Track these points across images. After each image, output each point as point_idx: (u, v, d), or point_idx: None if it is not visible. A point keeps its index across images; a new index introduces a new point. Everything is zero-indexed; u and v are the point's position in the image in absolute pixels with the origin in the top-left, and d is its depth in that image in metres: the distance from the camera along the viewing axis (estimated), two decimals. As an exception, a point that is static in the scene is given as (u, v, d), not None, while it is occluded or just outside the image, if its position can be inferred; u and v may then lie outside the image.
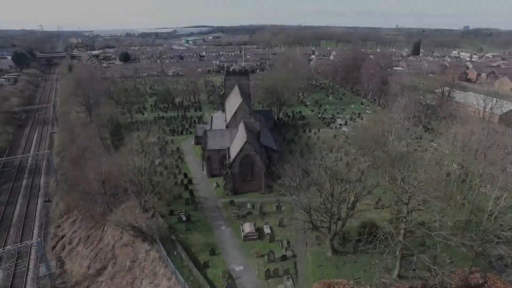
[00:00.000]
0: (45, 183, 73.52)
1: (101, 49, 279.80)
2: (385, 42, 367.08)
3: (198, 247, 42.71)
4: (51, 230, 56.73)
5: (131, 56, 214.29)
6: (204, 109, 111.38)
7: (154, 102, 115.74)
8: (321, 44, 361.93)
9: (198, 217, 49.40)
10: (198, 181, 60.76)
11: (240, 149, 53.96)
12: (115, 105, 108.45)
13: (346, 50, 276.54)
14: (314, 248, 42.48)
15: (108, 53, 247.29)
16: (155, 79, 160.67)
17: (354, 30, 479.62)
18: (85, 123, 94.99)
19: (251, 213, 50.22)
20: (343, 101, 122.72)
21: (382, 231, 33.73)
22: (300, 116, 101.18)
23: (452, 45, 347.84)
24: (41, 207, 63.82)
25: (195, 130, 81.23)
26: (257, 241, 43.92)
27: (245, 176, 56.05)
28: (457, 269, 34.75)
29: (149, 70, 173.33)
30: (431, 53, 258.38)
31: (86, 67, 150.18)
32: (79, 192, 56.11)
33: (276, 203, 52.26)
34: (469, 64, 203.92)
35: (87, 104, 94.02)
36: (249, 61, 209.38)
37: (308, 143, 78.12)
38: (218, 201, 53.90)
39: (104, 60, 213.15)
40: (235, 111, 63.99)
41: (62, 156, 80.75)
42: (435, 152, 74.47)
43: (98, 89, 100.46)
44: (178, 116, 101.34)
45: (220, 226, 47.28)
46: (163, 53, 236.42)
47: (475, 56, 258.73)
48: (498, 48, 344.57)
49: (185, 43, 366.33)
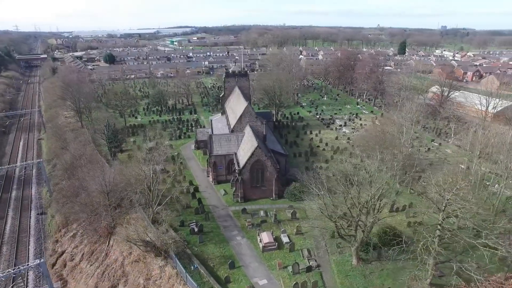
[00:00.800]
0: (37, 194, 69.09)
1: (84, 51, 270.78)
2: (370, 41, 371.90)
3: (216, 261, 40.41)
4: (49, 245, 52.92)
5: (117, 58, 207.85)
6: (199, 112, 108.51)
7: (146, 105, 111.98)
8: (308, 43, 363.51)
9: (211, 227, 47.03)
10: (204, 188, 58.25)
11: (251, 154, 51.87)
12: (105, 108, 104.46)
13: (333, 49, 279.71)
14: (336, 256, 40.94)
15: (92, 54, 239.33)
16: (144, 81, 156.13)
17: (338, 29, 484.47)
18: (76, 128, 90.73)
19: (265, 221, 48.22)
20: (338, 101, 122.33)
21: (407, 238, 32.72)
22: (298, 118, 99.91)
23: (434, 44, 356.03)
24: (35, 221, 59.71)
25: (195, 134, 78.51)
26: (276, 251, 42.00)
27: (255, 182, 54.01)
28: (489, 275, 33.95)
29: (136, 72, 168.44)
30: (416, 52, 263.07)
31: (72, 69, 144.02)
32: (78, 203, 52.73)
33: (290, 210, 50.49)
34: (454, 63, 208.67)
35: (77, 109, 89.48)
36: (238, 62, 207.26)
37: (311, 146, 76.74)
38: (229, 209, 51.63)
39: (88, 62, 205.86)
40: (241, 115, 61.81)
41: (54, 164, 76.35)
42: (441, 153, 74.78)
43: (87, 93, 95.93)
44: (174, 120, 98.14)
45: (235, 237, 45.07)
46: (149, 54, 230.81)
47: (457, 55, 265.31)
48: (477, 47, 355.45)
49: (170, 44, 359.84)
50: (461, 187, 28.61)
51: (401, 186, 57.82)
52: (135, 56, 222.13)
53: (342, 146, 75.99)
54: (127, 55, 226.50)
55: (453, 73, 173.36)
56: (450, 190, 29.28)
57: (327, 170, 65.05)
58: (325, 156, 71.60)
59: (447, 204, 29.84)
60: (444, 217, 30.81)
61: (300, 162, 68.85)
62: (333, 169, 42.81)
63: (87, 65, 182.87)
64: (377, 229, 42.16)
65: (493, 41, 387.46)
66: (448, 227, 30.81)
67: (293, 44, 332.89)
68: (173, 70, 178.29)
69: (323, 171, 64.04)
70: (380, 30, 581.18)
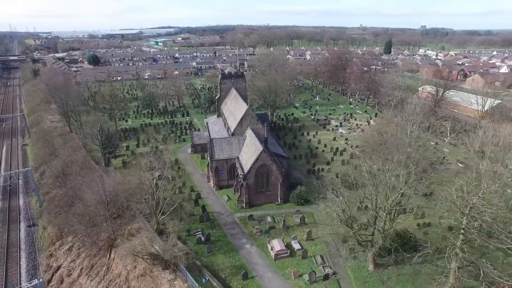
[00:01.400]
0: (26, 204, 65.23)
1: (65, 52, 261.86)
2: (354, 41, 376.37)
3: (227, 271, 38.63)
4: (43, 260, 49.71)
5: (101, 59, 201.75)
6: (191, 114, 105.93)
7: (136, 108, 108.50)
8: (294, 43, 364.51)
9: (218, 236, 45.17)
10: (206, 194, 56.21)
11: (256, 158, 50.27)
12: (94, 112, 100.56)
13: (319, 49, 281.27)
14: (350, 262, 39.88)
15: (74, 55, 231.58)
16: (131, 82, 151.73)
17: (322, 29, 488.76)
18: (64, 133, 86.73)
19: (273, 227, 46.74)
20: (331, 101, 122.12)
21: (419, 240, 31.91)
22: (293, 119, 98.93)
23: (417, 43, 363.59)
24: (25, 234, 56.15)
25: (191, 138, 76.18)
26: (289, 259, 40.62)
27: (260, 187, 52.46)
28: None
29: (123, 74, 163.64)
30: (401, 52, 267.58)
31: (56, 71, 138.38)
32: (74, 214, 49.86)
33: (298, 215, 49.22)
34: (438, 62, 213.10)
35: (65, 112, 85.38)
36: (227, 63, 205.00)
37: (310, 147, 75.78)
38: (234, 216, 49.87)
39: (71, 64, 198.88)
40: (242, 118, 60.08)
41: (42, 172, 72.48)
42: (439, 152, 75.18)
43: (75, 95, 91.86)
44: (166, 123, 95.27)
45: (244, 245, 43.37)
46: (134, 55, 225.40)
47: (440, 54, 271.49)
48: (457, 46, 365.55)
49: (155, 45, 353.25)
50: (487, 191, 27.96)
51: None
52: (120, 57, 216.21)
53: (341, 147, 75.34)
54: (112, 56, 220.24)
55: (440, 72, 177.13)
56: (475, 194, 28.61)
57: (329, 172, 64.48)
58: (326, 157, 70.81)
59: (471, 208, 29.18)
60: (467, 221, 30.15)
61: (301, 164, 67.76)
62: (351, 174, 41.18)
63: (70, 67, 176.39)
64: (390, 232, 41.45)
65: (472, 40, 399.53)
66: (472, 231, 30.16)
67: (280, 44, 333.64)
68: (160, 71, 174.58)
69: (326, 173, 63.48)
70: (362, 29, 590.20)
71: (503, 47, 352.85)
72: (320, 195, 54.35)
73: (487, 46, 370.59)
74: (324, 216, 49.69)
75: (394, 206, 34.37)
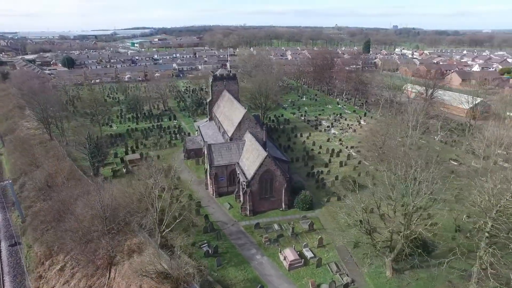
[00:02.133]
0: (5, 220, 60.03)
1: (36, 54, 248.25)
2: (333, 41, 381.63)
3: (241, 286, 36.58)
4: (30, 283, 45.52)
5: (76, 61, 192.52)
6: (178, 118, 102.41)
7: (119, 112, 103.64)
8: (273, 43, 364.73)
9: (225, 247, 42.93)
10: (206, 203, 53.68)
11: (260, 164, 48.39)
12: (74, 117, 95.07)
13: (299, 49, 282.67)
14: (366, 268, 38.81)
15: (47, 57, 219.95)
16: (111, 85, 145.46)
17: (298, 29, 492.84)
18: (44, 141, 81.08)
19: (282, 235, 45.11)
20: (318, 101, 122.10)
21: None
22: (284, 120, 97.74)
23: (393, 43, 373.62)
24: (8, 254, 51.42)
25: (183, 143, 73.20)
26: (303, 268, 39.08)
27: (264, 194, 50.64)
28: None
29: (102, 76, 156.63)
30: (379, 51, 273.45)
31: (29, 75, 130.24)
32: (65, 230, 46.15)
33: (305, 221, 47.81)
34: (416, 61, 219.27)
35: (45, 119, 79.75)
36: (208, 64, 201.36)
37: (307, 150, 74.69)
38: (239, 225, 47.76)
39: (43, 66, 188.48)
40: (240, 122, 57.96)
41: (22, 184, 67.27)
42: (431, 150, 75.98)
43: (55, 100, 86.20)
44: (154, 127, 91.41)
45: (254, 256, 41.40)
46: (111, 57, 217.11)
47: (416, 53, 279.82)
48: (429, 46, 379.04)
49: (131, 46, 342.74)
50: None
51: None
52: (96, 59, 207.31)
53: (336, 148, 74.76)
54: (88, 58, 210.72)
55: (419, 70, 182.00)
56: (502, 197, 28.16)
57: (328, 174, 63.58)
58: (323, 159, 69.99)
59: (499, 211, 28.73)
60: (492, 224, 29.71)
61: (298, 167, 66.53)
62: (368, 180, 40.04)
63: (43, 70, 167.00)
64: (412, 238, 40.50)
65: (442, 40, 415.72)
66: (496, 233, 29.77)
67: (259, 44, 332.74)
68: (141, 73, 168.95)
69: (326, 176, 62.53)
70: (338, 29, 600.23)
71: (471, 47, 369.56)
72: (324, 200, 53.73)
73: (457, 45, 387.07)
74: (330, 220, 49.18)
75: (416, 211, 33.49)
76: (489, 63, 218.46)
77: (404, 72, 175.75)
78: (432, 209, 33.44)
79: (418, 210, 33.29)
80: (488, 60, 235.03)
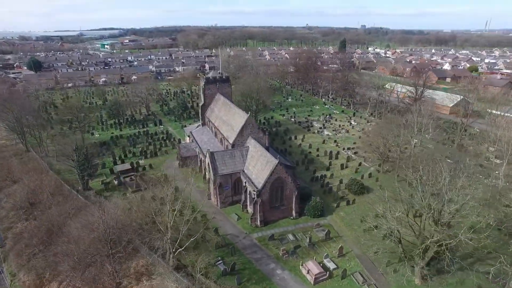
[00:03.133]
0: (-19, 245, 53.40)
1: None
2: (307, 40, 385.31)
3: (267, 306, 34.04)
4: (22, 316, 40.38)
5: (44, 64, 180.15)
6: (164, 122, 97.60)
7: (99, 118, 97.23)
8: (248, 44, 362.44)
9: (241, 263, 40.17)
10: (212, 214, 50.44)
11: (271, 172, 46.02)
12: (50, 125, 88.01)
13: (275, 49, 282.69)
14: (392, 276, 37.63)
15: (8, 60, 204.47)
16: (85, 89, 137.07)
17: (270, 29, 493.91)
18: (19, 153, 74.00)
19: (299, 246, 43.01)
20: (304, 102, 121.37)
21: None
22: (275, 122, 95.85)
23: (364, 42, 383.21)
24: (-11, 284, 45.53)
25: (177, 150, 69.22)
26: (328, 281, 37.21)
27: (274, 202, 48.35)
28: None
29: (74, 80, 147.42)
30: (354, 50, 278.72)
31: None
32: (55, 254, 41.59)
33: (320, 229, 46.04)
34: (391, 60, 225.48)
35: (20, 129, 72.67)
36: (186, 65, 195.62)
37: (305, 153, 73.09)
38: (252, 237, 45.18)
39: (5, 69, 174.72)
40: (242, 127, 55.19)
41: (-4, 202, 60.42)
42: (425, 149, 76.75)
43: (28, 108, 78.94)
44: (140, 133, 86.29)
45: (274, 271, 38.99)
46: (82, 60, 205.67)
47: (388, 52, 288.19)
48: (399, 45, 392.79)
49: (101, 48, 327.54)
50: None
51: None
52: (66, 61, 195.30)
53: (334, 150, 73.72)
54: (56, 60, 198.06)
55: (395, 69, 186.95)
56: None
57: (332, 178, 62.26)
58: (323, 163, 68.71)
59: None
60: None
61: (300, 172, 64.70)
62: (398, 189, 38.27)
63: (7, 73, 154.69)
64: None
65: (410, 39, 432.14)
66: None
67: (235, 45, 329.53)
68: (116, 76, 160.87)
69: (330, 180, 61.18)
70: (309, 29, 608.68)
71: (437, 46, 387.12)
72: (334, 205, 51.91)
73: (424, 44, 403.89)
74: (344, 226, 47.73)
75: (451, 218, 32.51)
76: (457, 61, 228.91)
77: (382, 71, 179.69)
78: (470, 215, 32.33)
79: (454, 216, 32.30)
80: (455, 58, 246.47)
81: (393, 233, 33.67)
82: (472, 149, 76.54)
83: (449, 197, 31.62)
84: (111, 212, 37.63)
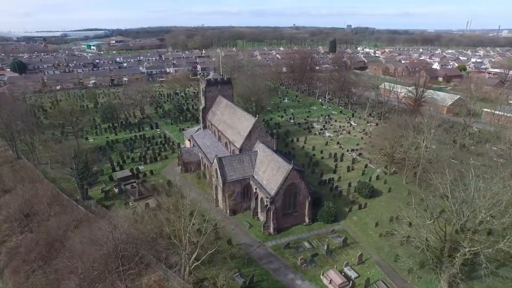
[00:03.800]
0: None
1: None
2: (297, 40, 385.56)
3: (292, 321, 32.34)
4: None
5: (29, 66, 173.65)
6: (160, 126, 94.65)
7: (92, 122, 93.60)
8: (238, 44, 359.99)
9: (259, 274, 38.37)
10: (221, 223, 48.27)
11: (285, 177, 44.34)
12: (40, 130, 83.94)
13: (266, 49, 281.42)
14: (416, 284, 36.51)
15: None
16: (74, 92, 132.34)
17: (258, 29, 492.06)
18: (9, 160, 70.15)
19: (316, 254, 41.53)
20: (301, 103, 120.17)
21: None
22: (274, 124, 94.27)
23: (353, 42, 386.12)
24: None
25: (179, 155, 66.81)
26: (351, 292, 35.78)
27: (287, 209, 46.72)
28: None
29: (62, 82, 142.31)
30: (343, 50, 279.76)
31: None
32: (57, 269, 38.96)
33: (337, 236, 44.66)
34: (381, 59, 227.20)
35: (9, 134, 68.77)
36: (177, 67, 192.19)
37: (309, 155, 71.65)
38: (266, 246, 43.42)
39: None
40: (250, 131, 53.31)
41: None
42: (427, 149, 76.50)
43: (19, 113, 75.04)
44: (136, 138, 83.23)
45: (294, 281, 37.37)
46: (69, 61, 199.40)
47: (378, 52, 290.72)
48: (387, 44, 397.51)
49: (87, 49, 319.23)
50: None
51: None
52: (52, 63, 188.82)
53: (338, 152, 72.63)
54: (41, 62, 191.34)
55: (387, 68, 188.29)
56: None
57: (340, 181, 61.05)
58: (328, 165, 67.49)
59: None
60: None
61: (307, 175, 63.12)
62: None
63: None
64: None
65: (397, 39, 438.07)
66: None
67: (224, 45, 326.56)
68: (106, 78, 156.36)
69: (338, 183, 59.97)
70: (296, 29, 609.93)
71: (423, 45, 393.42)
72: (346, 210, 50.58)
73: (411, 44, 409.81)
74: (359, 232, 46.49)
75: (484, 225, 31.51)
76: (445, 61, 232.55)
77: (375, 70, 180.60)
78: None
79: (492, 223, 31.29)
80: (443, 58, 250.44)
81: (423, 241, 32.42)
82: (474, 148, 76.97)
83: (482, 203, 30.57)
84: (120, 225, 35.14)
